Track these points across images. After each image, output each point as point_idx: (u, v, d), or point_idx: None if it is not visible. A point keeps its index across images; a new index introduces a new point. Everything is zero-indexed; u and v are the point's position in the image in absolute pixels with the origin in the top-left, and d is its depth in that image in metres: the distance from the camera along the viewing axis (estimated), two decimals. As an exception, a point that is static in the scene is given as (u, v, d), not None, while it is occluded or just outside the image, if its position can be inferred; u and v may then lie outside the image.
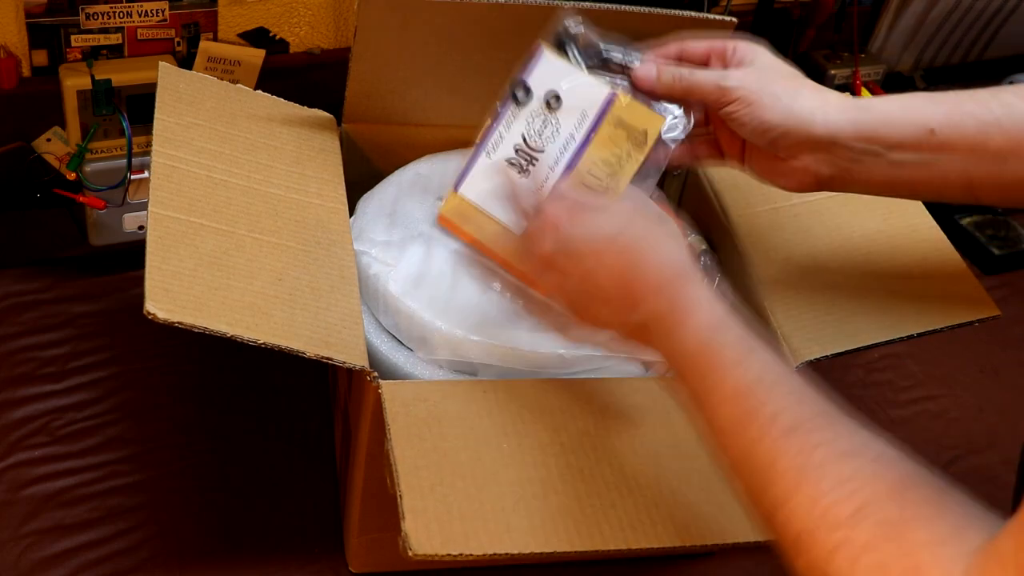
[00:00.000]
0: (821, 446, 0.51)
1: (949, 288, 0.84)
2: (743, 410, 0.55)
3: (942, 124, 0.69)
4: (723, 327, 0.60)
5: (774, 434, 0.53)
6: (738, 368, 0.57)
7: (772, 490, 0.52)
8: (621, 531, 0.65)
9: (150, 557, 0.85)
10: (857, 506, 0.48)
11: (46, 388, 0.96)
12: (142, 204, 1.03)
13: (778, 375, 0.56)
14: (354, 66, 0.84)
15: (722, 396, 0.57)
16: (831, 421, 0.53)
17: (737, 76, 0.72)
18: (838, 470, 0.50)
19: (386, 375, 0.76)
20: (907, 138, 0.70)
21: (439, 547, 0.62)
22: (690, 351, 0.60)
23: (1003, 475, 1.03)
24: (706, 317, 0.60)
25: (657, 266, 0.63)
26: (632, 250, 0.64)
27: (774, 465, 0.52)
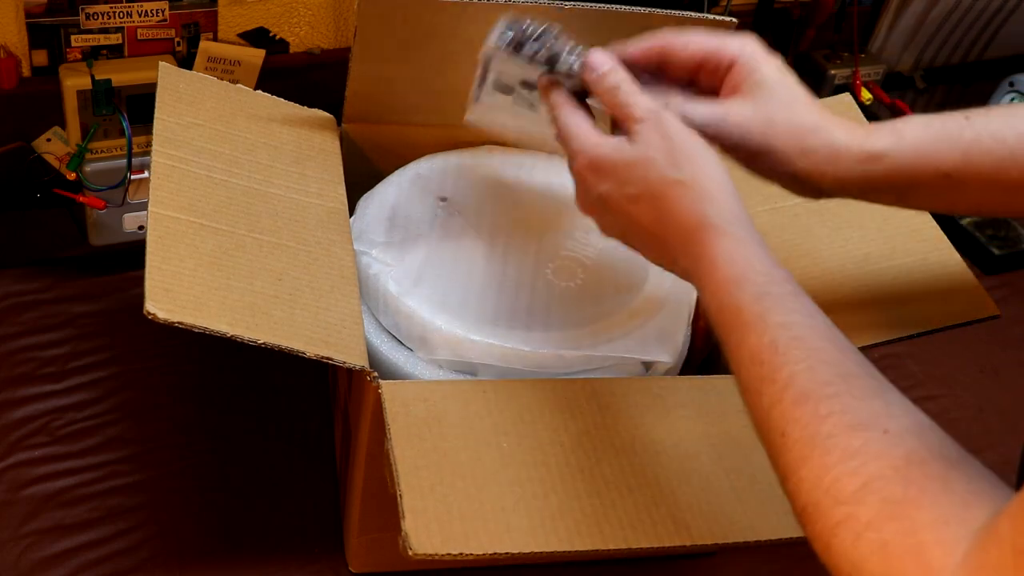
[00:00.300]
0: (831, 416, 0.50)
1: (949, 288, 0.84)
2: (758, 375, 0.54)
3: (958, 167, 0.67)
4: (740, 285, 0.58)
5: (786, 402, 0.52)
6: (753, 331, 0.56)
7: (784, 458, 0.51)
8: (621, 531, 0.65)
9: (150, 557, 0.85)
10: (863, 482, 0.48)
11: (46, 388, 0.96)
12: (142, 204, 1.03)
13: (792, 336, 0.54)
14: (354, 66, 0.84)
15: (740, 359, 0.56)
16: (845, 388, 0.52)
17: (739, 120, 0.66)
18: (846, 443, 0.49)
19: (386, 375, 0.76)
20: (921, 184, 0.68)
21: (439, 546, 0.62)
22: (713, 310, 0.59)
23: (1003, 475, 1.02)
24: (723, 275, 0.59)
25: (679, 221, 0.62)
26: (656, 205, 0.63)
27: (785, 434, 0.52)
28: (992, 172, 0.67)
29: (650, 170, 0.63)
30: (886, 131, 0.68)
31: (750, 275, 0.58)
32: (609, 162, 0.64)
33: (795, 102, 0.68)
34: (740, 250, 0.59)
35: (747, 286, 0.58)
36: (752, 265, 0.59)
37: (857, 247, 0.86)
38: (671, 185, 0.62)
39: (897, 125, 0.68)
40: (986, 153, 0.67)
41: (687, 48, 0.69)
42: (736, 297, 0.57)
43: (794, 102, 0.68)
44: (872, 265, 0.85)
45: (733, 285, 0.58)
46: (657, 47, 0.70)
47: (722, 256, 0.59)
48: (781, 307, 0.56)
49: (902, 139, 0.67)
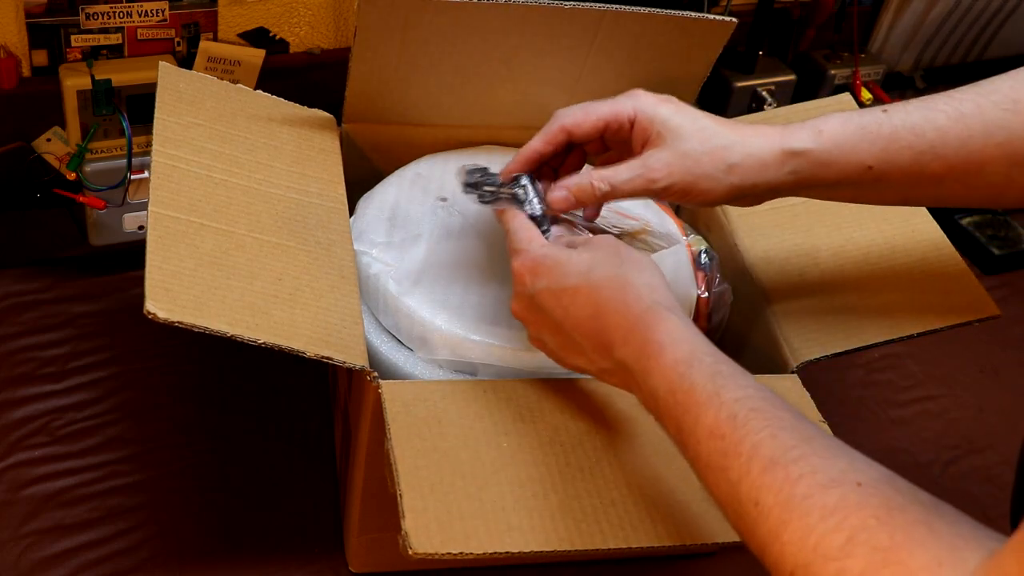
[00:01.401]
0: (803, 478, 0.51)
1: (949, 288, 0.84)
2: (720, 450, 0.55)
3: (879, 160, 0.69)
4: (691, 365, 0.59)
5: (754, 472, 0.52)
6: (710, 408, 0.56)
7: (762, 528, 0.51)
8: (621, 530, 0.65)
9: (150, 557, 0.85)
10: (848, 535, 0.48)
11: (46, 388, 0.96)
12: (142, 204, 1.03)
13: (750, 408, 0.55)
14: (354, 66, 0.84)
15: (698, 437, 0.57)
16: (810, 450, 0.52)
17: (660, 165, 0.69)
18: (823, 501, 0.49)
19: (386, 375, 0.76)
20: (845, 176, 0.70)
21: (439, 546, 0.62)
22: (662, 394, 0.60)
23: (1003, 475, 1.03)
24: (672, 358, 0.60)
25: (621, 311, 0.63)
26: (594, 298, 0.64)
27: (758, 503, 0.52)
28: (912, 165, 0.69)
29: (592, 267, 0.65)
30: (806, 129, 0.70)
31: (698, 355, 0.59)
32: (550, 260, 0.67)
33: (703, 129, 0.70)
34: (685, 333, 0.61)
35: (698, 365, 0.59)
36: (699, 347, 0.60)
37: (857, 247, 0.86)
38: (612, 279, 0.64)
39: (817, 122, 0.70)
40: (905, 147, 0.69)
41: (586, 122, 0.72)
42: (688, 377, 0.58)
43: (702, 129, 0.70)
44: (872, 265, 0.85)
45: (684, 366, 0.59)
46: (557, 130, 0.73)
47: (668, 339, 0.61)
48: (733, 383, 0.57)
49: (820, 135, 0.70)
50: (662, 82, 0.91)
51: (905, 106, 0.70)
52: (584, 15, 0.83)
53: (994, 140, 0.68)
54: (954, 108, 0.69)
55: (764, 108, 1.23)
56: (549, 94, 0.90)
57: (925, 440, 1.06)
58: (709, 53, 0.89)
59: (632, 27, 0.85)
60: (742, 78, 1.24)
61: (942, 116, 0.69)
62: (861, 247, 0.86)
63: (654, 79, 0.91)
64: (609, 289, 0.64)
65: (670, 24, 0.85)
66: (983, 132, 0.68)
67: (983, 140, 0.68)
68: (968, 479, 1.03)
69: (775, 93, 1.25)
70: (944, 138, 0.68)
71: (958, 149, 0.68)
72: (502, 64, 0.86)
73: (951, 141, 0.68)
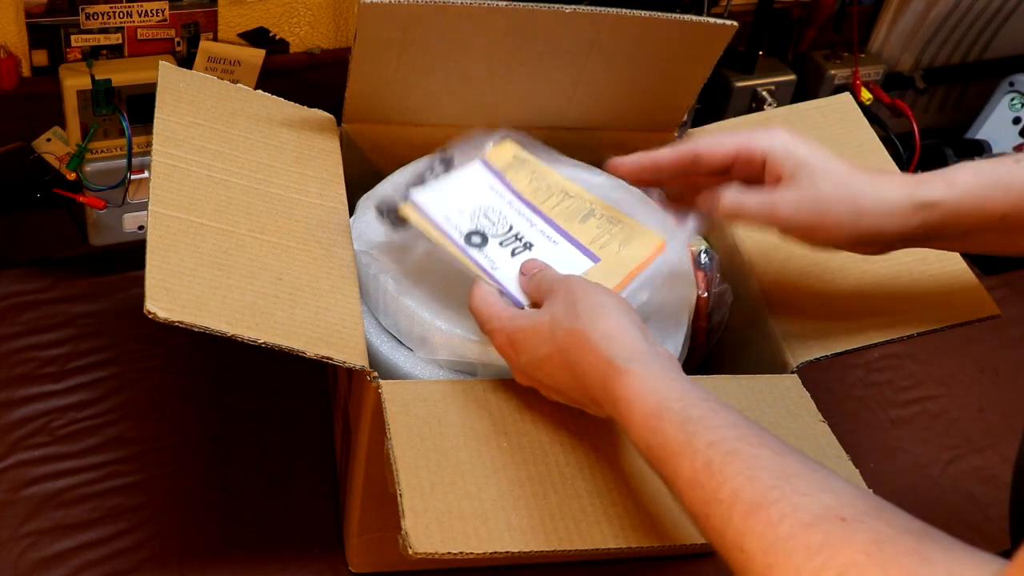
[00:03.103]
0: (784, 519, 0.50)
1: (949, 287, 0.84)
2: (701, 500, 0.54)
3: (1013, 209, 0.69)
4: (660, 418, 0.58)
5: (736, 519, 0.52)
6: (685, 458, 0.56)
7: (751, 572, 0.50)
8: (622, 530, 0.65)
9: (150, 557, 0.85)
10: (837, 573, 0.46)
11: (46, 388, 0.96)
12: (142, 204, 1.03)
13: (725, 452, 0.54)
14: (354, 67, 0.84)
15: (680, 488, 0.56)
16: (790, 488, 0.51)
17: (788, 204, 0.70)
18: (807, 541, 0.48)
19: (386, 375, 0.76)
20: (976, 227, 0.70)
21: (439, 545, 0.62)
22: (642, 448, 0.60)
23: (1003, 475, 1.03)
24: (641, 414, 0.59)
25: (588, 372, 0.63)
26: (565, 360, 0.64)
27: (743, 549, 0.51)
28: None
29: (554, 328, 0.65)
30: (937, 180, 0.70)
31: (666, 404, 0.58)
32: (521, 333, 0.67)
33: (836, 174, 0.70)
34: (649, 384, 0.60)
35: (667, 415, 0.58)
36: (666, 395, 0.59)
37: (857, 247, 0.86)
38: (572, 335, 0.64)
39: (947, 174, 0.70)
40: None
41: (720, 149, 0.73)
42: (660, 431, 0.58)
43: (835, 174, 0.70)
44: (872, 265, 0.85)
45: (653, 420, 0.58)
46: (688, 150, 0.74)
47: (634, 395, 0.60)
48: (705, 428, 0.56)
49: (953, 186, 0.69)
50: (662, 86, 0.91)
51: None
52: (584, 19, 0.83)
53: None
54: None
55: (764, 108, 1.23)
56: (549, 97, 0.90)
57: (925, 440, 1.06)
58: (709, 56, 0.89)
59: (632, 31, 0.85)
60: (742, 78, 1.24)
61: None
62: (861, 247, 0.86)
63: (654, 83, 0.91)
64: (573, 349, 0.64)
65: (670, 28, 0.85)
66: None
67: None
68: (968, 479, 1.03)
69: (775, 93, 1.25)
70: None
71: None
72: (502, 66, 0.86)
73: None
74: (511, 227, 0.77)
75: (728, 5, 1.22)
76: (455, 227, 0.76)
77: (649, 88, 0.91)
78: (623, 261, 0.76)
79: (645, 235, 0.77)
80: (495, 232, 0.77)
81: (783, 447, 0.55)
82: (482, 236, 0.76)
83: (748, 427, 0.56)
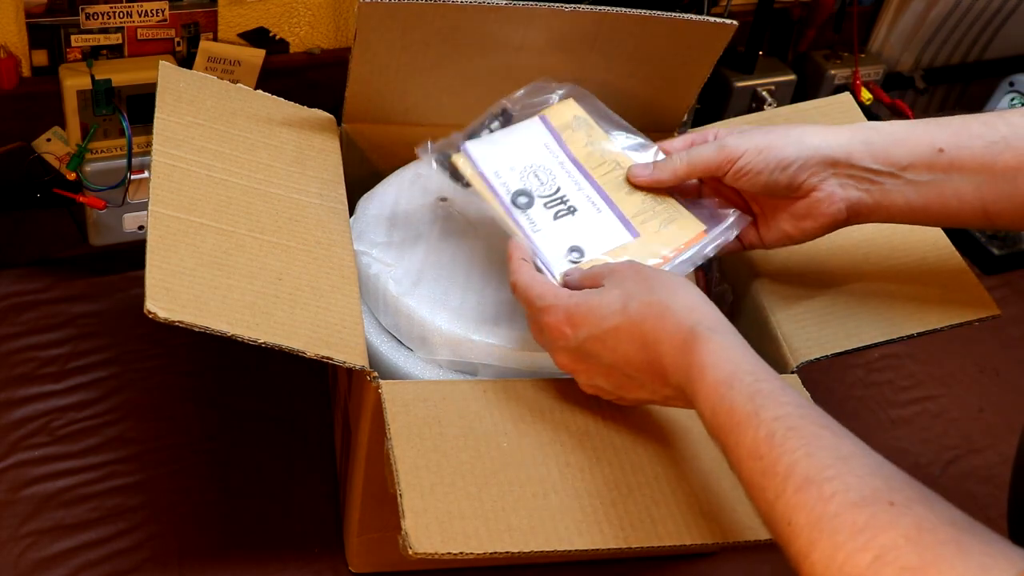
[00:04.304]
0: (835, 496, 0.51)
1: (949, 288, 0.84)
2: (760, 469, 0.55)
3: (949, 144, 0.70)
4: (731, 386, 0.59)
5: (789, 491, 0.53)
6: (749, 428, 0.57)
7: (795, 545, 0.51)
8: (622, 530, 0.65)
9: (150, 557, 0.85)
10: (875, 555, 0.47)
11: (46, 388, 0.96)
12: (142, 204, 1.03)
13: (788, 427, 0.55)
14: (354, 67, 0.84)
15: (739, 456, 0.57)
16: (845, 468, 0.52)
17: (735, 143, 0.74)
18: (852, 520, 0.49)
19: (386, 375, 0.76)
20: (917, 158, 0.71)
21: (439, 545, 0.62)
22: (708, 415, 0.60)
23: (1003, 475, 1.03)
24: (713, 379, 0.60)
25: (666, 339, 0.63)
26: (638, 331, 0.64)
27: (791, 522, 0.52)
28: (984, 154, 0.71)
29: (627, 300, 0.65)
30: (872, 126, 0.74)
31: (739, 375, 0.59)
32: (584, 307, 0.67)
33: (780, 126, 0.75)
34: (726, 353, 0.61)
35: (738, 386, 0.59)
36: (740, 366, 0.60)
37: (857, 247, 0.86)
38: (649, 307, 0.64)
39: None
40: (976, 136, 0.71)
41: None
42: (728, 398, 0.59)
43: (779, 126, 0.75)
44: (872, 265, 0.85)
45: (724, 387, 0.59)
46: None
47: (710, 360, 0.61)
48: (773, 402, 0.57)
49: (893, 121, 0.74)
50: (662, 85, 0.91)
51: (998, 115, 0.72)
52: (584, 18, 0.83)
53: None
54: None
55: (764, 108, 1.23)
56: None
57: (925, 440, 1.06)
58: (709, 55, 0.89)
59: (632, 30, 0.85)
60: (742, 78, 1.24)
61: (1016, 115, 0.71)
62: (861, 247, 0.86)
63: (654, 82, 0.91)
64: (650, 319, 0.64)
65: (670, 27, 0.85)
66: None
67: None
68: (968, 479, 1.03)
69: (775, 93, 1.25)
70: (1017, 131, 0.70)
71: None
72: (502, 66, 0.86)
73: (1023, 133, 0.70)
74: (558, 189, 0.77)
75: (728, 5, 1.22)
76: (503, 184, 0.77)
77: (649, 88, 0.91)
78: (661, 240, 0.76)
79: (687, 219, 0.77)
80: (542, 192, 0.77)
81: (842, 431, 0.56)
82: (528, 197, 0.76)
83: (812, 408, 0.57)
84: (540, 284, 0.70)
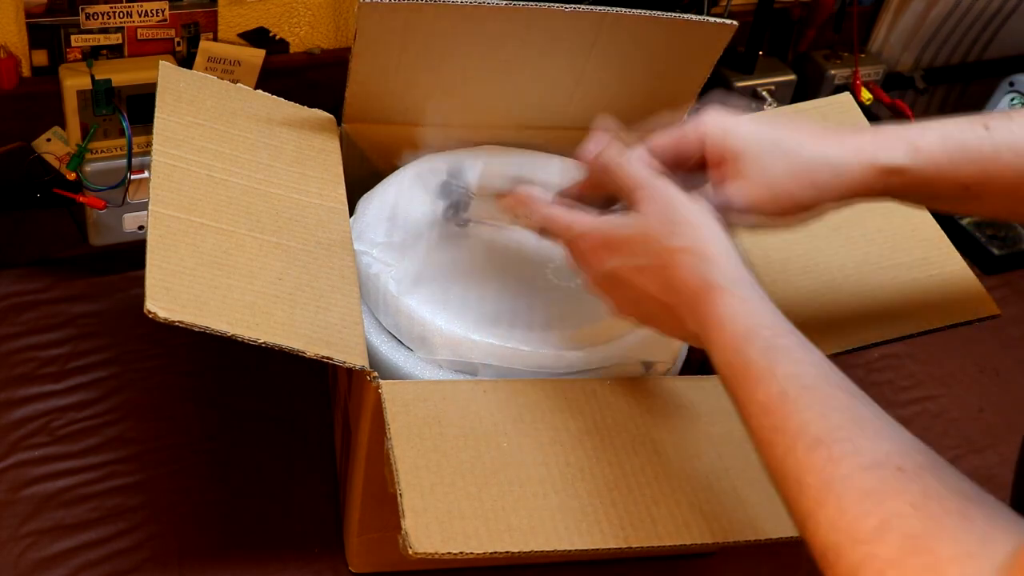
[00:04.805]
0: (845, 458, 0.51)
1: (949, 288, 0.84)
2: (770, 425, 0.55)
3: (977, 181, 0.68)
4: (748, 340, 0.59)
5: (799, 450, 0.52)
6: (762, 383, 0.56)
7: (802, 504, 0.51)
8: (622, 530, 0.65)
9: (150, 557, 0.84)
10: (881, 519, 0.47)
11: (46, 388, 0.96)
12: (142, 204, 1.03)
13: (802, 386, 0.55)
14: (354, 67, 0.84)
15: (751, 411, 0.57)
16: (857, 431, 0.52)
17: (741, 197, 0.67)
18: (861, 483, 0.49)
19: (386, 375, 0.76)
20: (941, 194, 0.69)
21: (439, 545, 0.62)
22: (722, 369, 0.60)
23: (1003, 475, 1.03)
24: (730, 332, 0.60)
25: (687, 288, 0.63)
26: (663, 274, 0.64)
27: (800, 480, 0.52)
28: (1013, 184, 0.67)
29: (654, 241, 0.64)
30: (900, 143, 0.67)
31: (756, 330, 0.59)
32: (618, 236, 0.66)
33: (785, 151, 0.67)
34: (744, 307, 0.60)
35: (754, 340, 0.58)
36: (757, 320, 0.60)
37: (857, 246, 0.86)
38: (674, 253, 0.63)
39: (912, 134, 0.68)
40: (1006, 167, 0.67)
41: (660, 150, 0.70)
42: (743, 353, 0.58)
43: (784, 151, 0.67)
44: (872, 264, 0.85)
45: (741, 341, 0.59)
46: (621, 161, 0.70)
47: (727, 314, 0.60)
48: (788, 358, 0.57)
49: (918, 152, 0.67)
50: (662, 86, 0.91)
51: (1008, 123, 0.67)
52: (584, 18, 0.83)
53: None
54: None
55: (764, 108, 1.23)
56: (549, 96, 0.90)
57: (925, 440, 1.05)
58: (709, 56, 0.89)
59: (632, 30, 0.85)
60: (742, 78, 1.24)
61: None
62: (861, 246, 0.86)
63: (654, 82, 0.91)
64: (672, 266, 0.63)
65: (670, 27, 0.85)
66: None
67: None
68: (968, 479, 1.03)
69: (775, 93, 1.25)
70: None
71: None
72: (502, 66, 0.86)
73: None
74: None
75: (728, 5, 1.22)
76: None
77: (649, 88, 0.91)
78: None
79: None
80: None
81: (858, 393, 0.55)
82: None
83: (829, 368, 0.57)
84: (564, 212, 0.69)
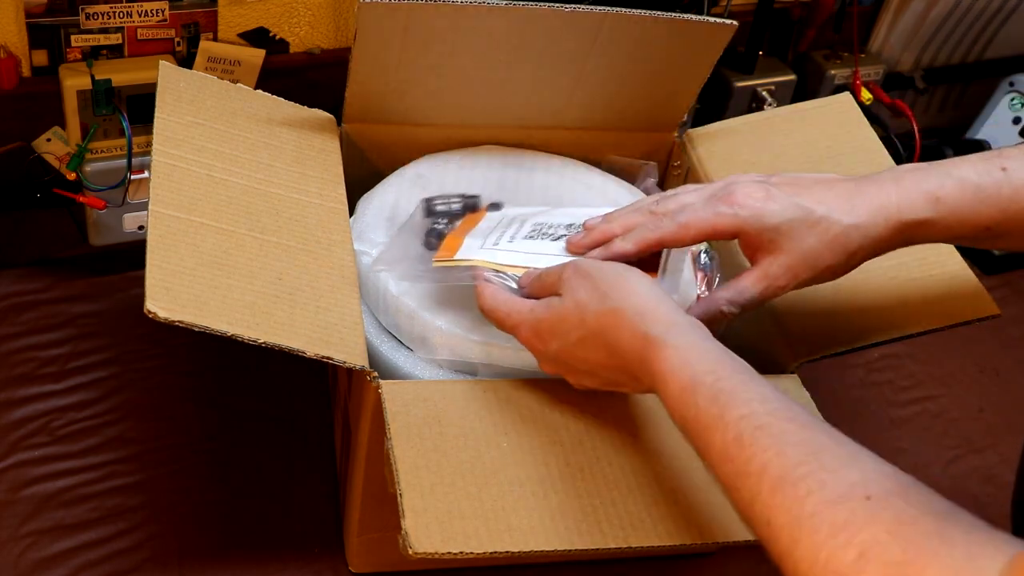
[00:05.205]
0: (810, 495, 0.50)
1: (949, 288, 0.84)
2: (733, 471, 0.55)
3: (998, 223, 0.68)
4: (693, 391, 0.59)
5: (764, 493, 0.52)
6: (717, 431, 0.56)
7: (776, 546, 0.51)
8: (621, 529, 0.65)
9: (150, 557, 0.85)
10: (858, 552, 0.47)
11: (46, 388, 0.96)
12: (142, 204, 1.03)
13: (755, 427, 0.55)
14: (354, 66, 0.84)
15: (712, 461, 0.57)
16: (817, 465, 0.52)
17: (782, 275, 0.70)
18: (832, 517, 0.49)
19: (386, 375, 0.76)
20: (961, 237, 0.70)
21: (439, 545, 0.62)
22: (678, 420, 0.60)
23: (1003, 475, 1.03)
24: (676, 386, 0.60)
25: (625, 348, 0.63)
26: (600, 341, 0.65)
27: (770, 523, 0.52)
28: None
29: (582, 312, 0.65)
30: (920, 198, 0.68)
31: (699, 378, 0.59)
32: (547, 322, 0.67)
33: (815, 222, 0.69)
34: (682, 357, 0.61)
35: (699, 389, 0.59)
36: (698, 368, 0.60)
37: (857, 247, 0.86)
38: (607, 315, 0.64)
39: (931, 185, 0.69)
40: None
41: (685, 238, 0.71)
42: (692, 404, 0.59)
43: (815, 223, 0.69)
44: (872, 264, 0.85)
45: (688, 393, 0.59)
46: (654, 242, 0.71)
47: (667, 369, 0.61)
48: (735, 401, 0.57)
49: (938, 203, 0.68)
50: (662, 86, 0.91)
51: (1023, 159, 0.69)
52: (584, 18, 0.83)
53: None
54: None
55: (764, 108, 1.23)
56: (549, 96, 0.90)
57: (925, 440, 1.06)
58: (709, 56, 0.89)
59: (632, 30, 0.85)
60: (742, 78, 1.24)
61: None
62: (861, 247, 0.86)
63: (654, 82, 0.91)
64: (609, 329, 0.64)
65: (670, 27, 0.85)
66: None
67: None
68: (968, 479, 1.03)
69: (775, 93, 1.25)
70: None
71: None
72: (502, 66, 0.86)
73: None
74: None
75: (728, 5, 1.22)
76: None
77: (649, 88, 0.91)
78: None
79: None
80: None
81: (812, 421, 0.55)
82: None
83: (778, 401, 0.57)
84: (503, 303, 0.70)
